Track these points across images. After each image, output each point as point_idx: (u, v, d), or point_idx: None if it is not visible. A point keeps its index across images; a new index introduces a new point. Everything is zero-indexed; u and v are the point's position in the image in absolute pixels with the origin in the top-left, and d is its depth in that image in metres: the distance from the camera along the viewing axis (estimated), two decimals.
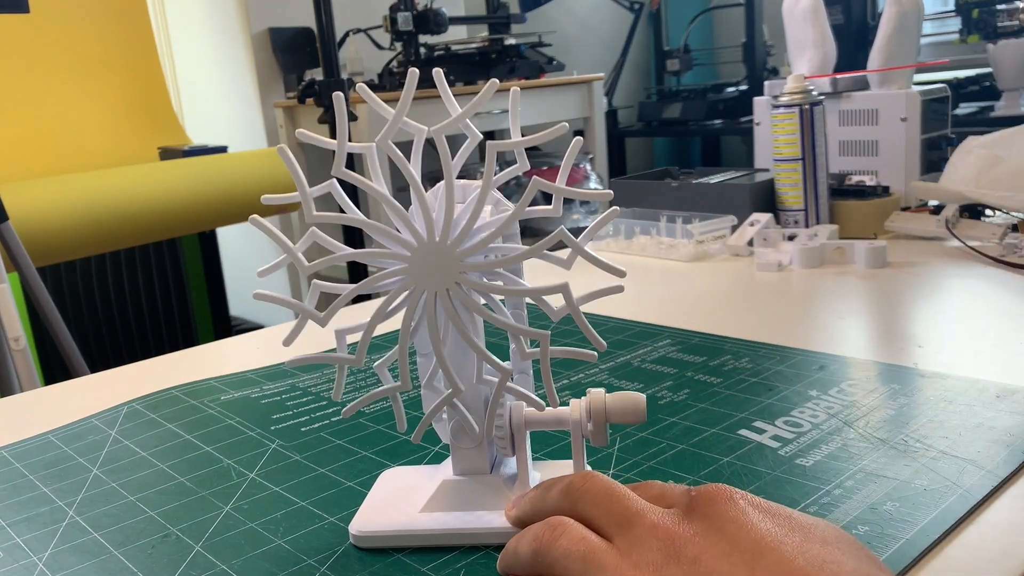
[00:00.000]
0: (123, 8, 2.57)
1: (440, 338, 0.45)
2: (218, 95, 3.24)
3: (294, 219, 3.12)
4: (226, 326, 2.83)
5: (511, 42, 3.19)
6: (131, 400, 0.76)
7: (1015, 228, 1.07)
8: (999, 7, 2.93)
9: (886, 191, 1.20)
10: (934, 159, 1.27)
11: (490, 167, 0.44)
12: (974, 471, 0.53)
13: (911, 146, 1.24)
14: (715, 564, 0.36)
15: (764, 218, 1.13)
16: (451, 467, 0.51)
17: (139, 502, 0.57)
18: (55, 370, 2.04)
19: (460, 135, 0.46)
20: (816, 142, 1.14)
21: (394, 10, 2.94)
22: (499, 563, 0.44)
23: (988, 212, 1.14)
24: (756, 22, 3.71)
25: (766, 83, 1.39)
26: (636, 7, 4.10)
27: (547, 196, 0.43)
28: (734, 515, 0.38)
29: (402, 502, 0.51)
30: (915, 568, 0.44)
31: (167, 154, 2.49)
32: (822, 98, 1.15)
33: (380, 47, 3.12)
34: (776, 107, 1.15)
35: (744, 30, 3.78)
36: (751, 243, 1.13)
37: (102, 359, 2.50)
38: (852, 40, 3.15)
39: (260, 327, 1.44)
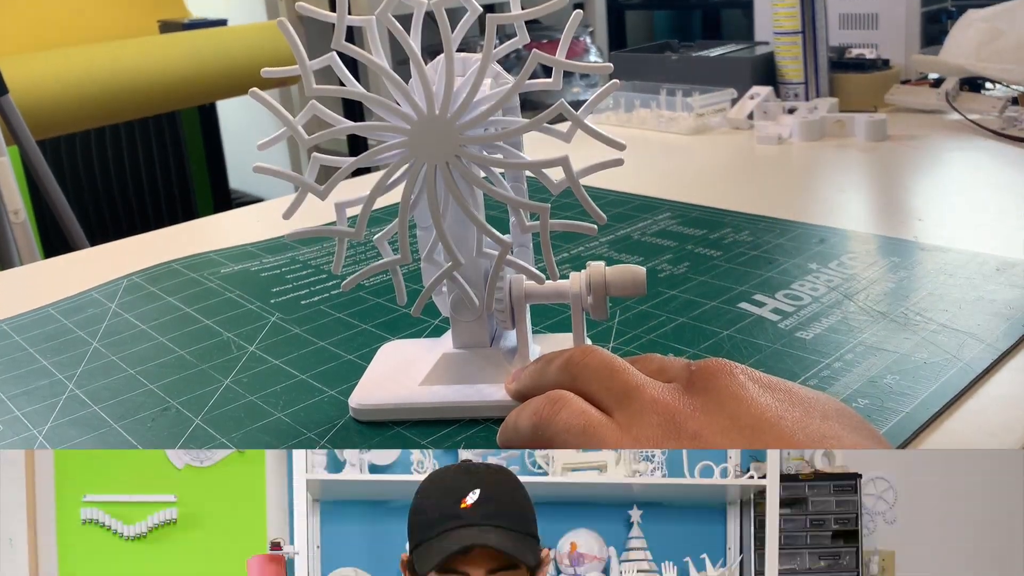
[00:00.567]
0: None
1: (440, 211, 0.45)
2: None
3: (294, 92, 3.07)
4: (226, 199, 2.82)
5: None
6: (131, 273, 0.76)
7: (1015, 101, 1.06)
8: None
9: (886, 64, 1.19)
10: (934, 32, 1.26)
11: (490, 40, 0.43)
12: (974, 344, 0.53)
13: (911, 18, 1.23)
14: (715, 439, 0.36)
15: (764, 91, 1.13)
16: (451, 340, 0.51)
17: (139, 375, 0.58)
18: (55, 243, 2.04)
19: (460, 8, 0.45)
20: (816, 15, 1.13)
21: None
22: (499, 436, 0.44)
23: (988, 85, 1.13)
24: None
25: None
26: None
27: (547, 69, 0.42)
28: (734, 390, 0.37)
29: (402, 375, 0.52)
30: (915, 441, 0.45)
31: (167, 27, 2.46)
32: None
33: None
34: None
35: None
36: (751, 116, 1.13)
37: (101, 232, 2.50)
38: None
39: (260, 200, 1.43)
